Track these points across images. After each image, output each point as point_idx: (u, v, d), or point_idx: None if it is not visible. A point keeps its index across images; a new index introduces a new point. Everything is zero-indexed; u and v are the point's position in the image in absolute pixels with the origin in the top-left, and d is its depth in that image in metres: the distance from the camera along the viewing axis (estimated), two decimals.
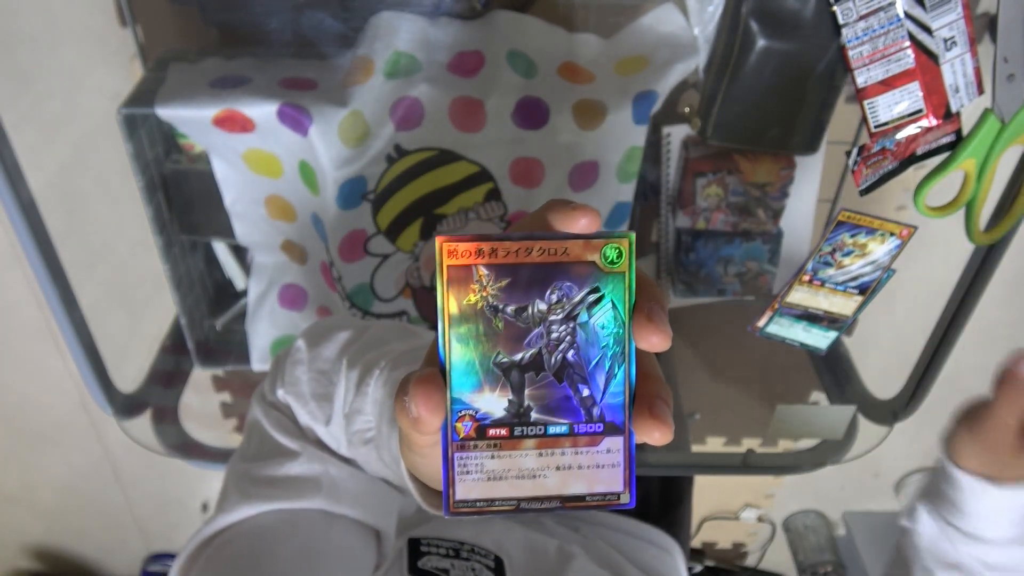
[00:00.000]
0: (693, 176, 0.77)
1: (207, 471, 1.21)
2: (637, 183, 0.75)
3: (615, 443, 0.27)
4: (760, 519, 1.76)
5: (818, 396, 0.94)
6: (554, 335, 0.26)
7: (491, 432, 0.26)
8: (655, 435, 0.27)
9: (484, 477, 0.25)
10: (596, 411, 0.27)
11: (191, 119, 0.68)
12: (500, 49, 0.69)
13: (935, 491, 0.61)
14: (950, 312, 0.74)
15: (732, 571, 1.86)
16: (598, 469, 0.27)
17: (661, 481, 0.85)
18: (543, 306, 0.25)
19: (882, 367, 0.85)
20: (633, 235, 0.27)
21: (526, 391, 0.26)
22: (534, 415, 0.26)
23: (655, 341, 0.27)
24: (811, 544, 1.72)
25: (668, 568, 0.73)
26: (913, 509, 0.63)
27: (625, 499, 0.27)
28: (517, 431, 0.26)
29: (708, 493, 1.69)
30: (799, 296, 0.71)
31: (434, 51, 0.69)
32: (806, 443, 0.89)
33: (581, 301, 0.26)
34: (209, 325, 0.90)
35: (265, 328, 0.87)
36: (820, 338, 0.75)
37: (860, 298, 0.71)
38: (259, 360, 0.88)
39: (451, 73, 0.69)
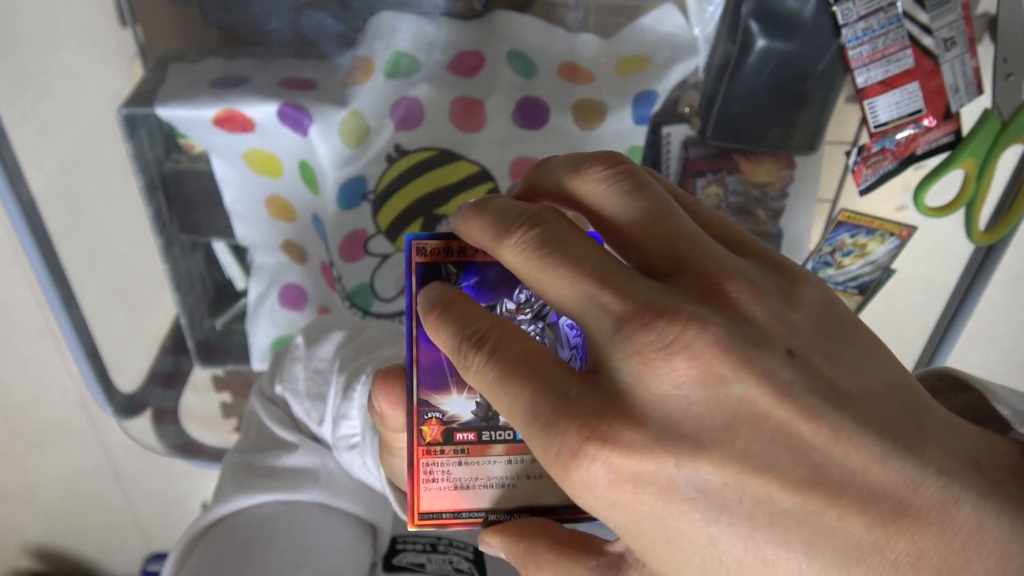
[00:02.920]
0: (693, 176, 0.77)
1: (207, 471, 1.21)
2: None
3: None
4: None
5: None
6: None
7: (458, 436, 0.24)
8: None
9: (451, 485, 0.24)
10: None
11: (191, 119, 0.68)
12: (500, 49, 0.69)
13: None
14: (950, 312, 0.74)
15: None
16: None
17: None
18: (511, 305, 0.24)
19: None
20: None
21: None
22: (503, 419, 0.25)
23: None
24: None
25: None
26: None
27: None
28: (485, 436, 0.24)
29: None
30: None
31: (434, 51, 0.69)
32: None
33: None
34: (209, 325, 0.90)
35: (265, 328, 0.87)
36: None
37: (860, 298, 0.71)
38: (259, 360, 0.88)
39: (451, 73, 0.69)
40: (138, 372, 0.86)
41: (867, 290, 0.71)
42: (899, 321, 0.92)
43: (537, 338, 0.24)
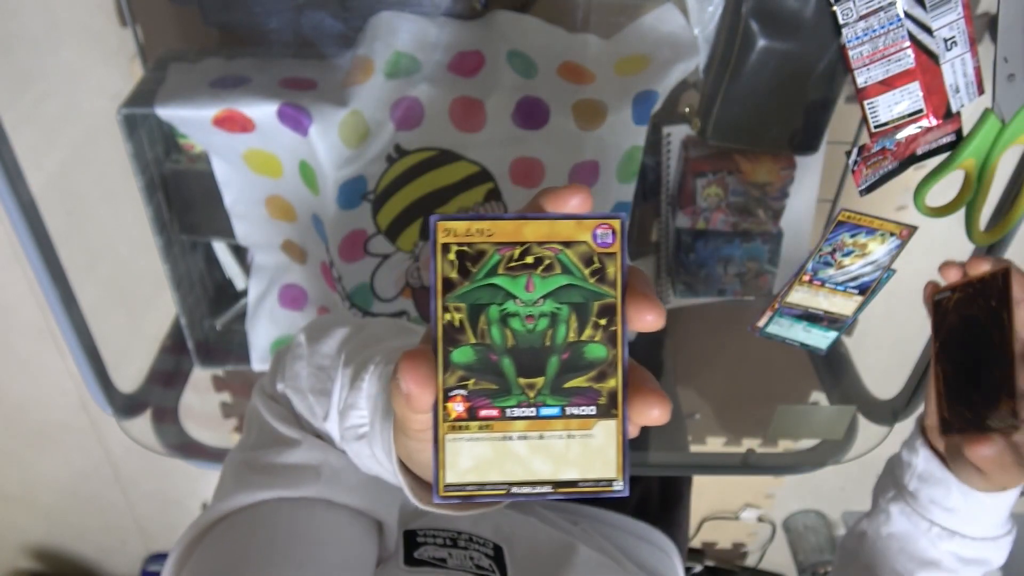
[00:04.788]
0: (693, 176, 0.77)
1: (207, 471, 1.21)
2: (637, 183, 0.75)
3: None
4: (760, 519, 1.76)
5: (818, 396, 0.94)
6: None
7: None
8: (654, 412, 0.26)
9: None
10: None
11: (191, 119, 0.68)
12: (500, 49, 0.69)
13: (911, 492, 0.61)
14: None
15: (732, 571, 1.86)
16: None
17: (660, 481, 0.85)
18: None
19: (882, 367, 0.85)
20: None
21: None
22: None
23: (650, 319, 0.27)
24: (811, 544, 1.72)
25: (666, 568, 0.73)
26: (880, 512, 0.64)
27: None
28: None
29: (708, 493, 1.69)
30: (799, 296, 0.71)
31: (434, 51, 0.69)
32: (806, 443, 0.89)
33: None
34: (209, 325, 0.90)
35: (265, 328, 0.87)
36: (820, 338, 0.75)
37: (860, 298, 0.71)
38: (259, 360, 0.88)
39: (451, 73, 0.69)
40: (138, 372, 0.86)
41: (867, 290, 0.71)
42: (899, 321, 0.92)
43: None
